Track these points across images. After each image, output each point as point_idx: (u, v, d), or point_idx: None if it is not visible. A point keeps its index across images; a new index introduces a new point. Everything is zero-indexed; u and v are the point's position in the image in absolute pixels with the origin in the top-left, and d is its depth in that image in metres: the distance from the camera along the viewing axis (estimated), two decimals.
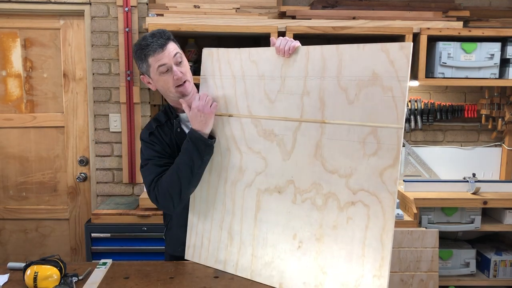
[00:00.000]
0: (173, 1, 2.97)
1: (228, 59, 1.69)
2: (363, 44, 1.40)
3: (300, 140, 1.52)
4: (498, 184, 2.94)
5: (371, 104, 1.37)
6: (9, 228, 3.19)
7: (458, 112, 3.15)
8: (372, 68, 1.37)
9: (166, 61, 1.66)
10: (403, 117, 1.32)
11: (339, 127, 1.44)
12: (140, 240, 2.70)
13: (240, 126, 1.67)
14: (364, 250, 1.38)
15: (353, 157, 1.40)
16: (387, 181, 1.34)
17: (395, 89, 1.33)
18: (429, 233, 2.52)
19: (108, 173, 3.07)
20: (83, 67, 3.05)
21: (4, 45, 3.04)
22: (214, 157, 1.72)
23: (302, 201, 1.52)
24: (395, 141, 1.33)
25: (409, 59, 1.31)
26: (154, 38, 1.66)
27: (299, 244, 1.52)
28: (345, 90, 1.42)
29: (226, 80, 1.70)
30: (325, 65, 1.47)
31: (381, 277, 1.34)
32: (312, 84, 1.50)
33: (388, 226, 1.34)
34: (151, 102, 3.03)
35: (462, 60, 2.82)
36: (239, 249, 1.65)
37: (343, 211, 1.43)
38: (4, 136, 3.11)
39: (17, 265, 1.67)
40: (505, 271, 2.93)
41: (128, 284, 1.57)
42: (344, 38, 2.96)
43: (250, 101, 1.64)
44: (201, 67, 1.76)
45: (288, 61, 1.55)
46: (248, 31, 2.74)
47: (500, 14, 3.07)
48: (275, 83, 1.58)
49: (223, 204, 1.71)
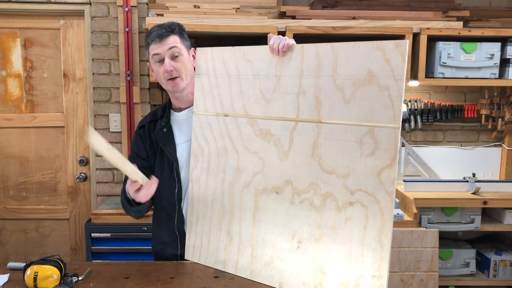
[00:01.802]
0: (173, 1, 2.97)
1: (222, 58, 1.68)
2: (359, 42, 1.38)
3: (297, 140, 1.51)
4: (498, 184, 2.94)
5: (368, 103, 1.36)
6: (9, 228, 3.19)
7: (458, 112, 3.15)
8: (368, 66, 1.36)
9: (160, 51, 1.68)
10: (399, 117, 1.31)
11: (335, 126, 1.43)
12: (140, 240, 2.70)
13: (236, 126, 1.66)
14: (363, 250, 1.38)
15: (350, 157, 1.40)
16: (385, 181, 1.33)
17: (391, 88, 1.31)
18: (429, 233, 2.52)
19: (108, 173, 3.07)
20: (83, 67, 3.05)
21: (4, 45, 3.04)
22: (211, 157, 1.72)
23: (300, 202, 1.51)
24: (392, 141, 1.32)
25: (405, 57, 1.30)
26: (159, 28, 1.70)
27: (298, 244, 1.52)
28: (341, 89, 1.41)
29: (221, 79, 1.69)
30: (320, 63, 1.45)
31: (380, 277, 1.34)
32: (308, 83, 1.48)
33: (387, 227, 1.34)
34: (151, 102, 3.04)
35: (462, 60, 2.82)
36: (238, 249, 1.65)
37: (341, 211, 1.42)
38: (4, 136, 3.11)
39: (17, 265, 1.67)
40: (505, 271, 2.93)
41: (128, 284, 1.57)
42: (344, 38, 2.96)
43: (246, 100, 1.63)
44: (196, 66, 1.75)
45: (283, 60, 1.54)
46: (248, 31, 2.74)
47: (500, 14, 3.07)
48: (270, 82, 1.57)
49: (221, 204, 1.70)
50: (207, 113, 1.73)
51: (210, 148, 1.72)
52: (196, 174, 1.76)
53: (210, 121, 1.71)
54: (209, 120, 1.72)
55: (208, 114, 1.73)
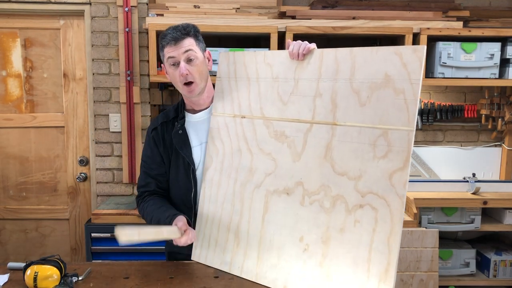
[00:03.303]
0: (173, 1, 2.97)
1: (244, 61, 1.72)
2: (377, 47, 1.41)
3: (310, 141, 1.53)
4: (498, 184, 2.94)
5: (383, 106, 1.37)
6: (9, 228, 3.19)
7: (458, 112, 3.15)
8: (385, 70, 1.38)
9: (175, 54, 1.66)
10: (414, 120, 1.32)
11: (350, 129, 1.44)
12: None
13: (252, 127, 1.68)
14: (370, 254, 1.37)
15: (363, 159, 1.40)
16: (396, 184, 1.33)
17: (407, 91, 1.33)
18: (429, 233, 2.52)
19: (108, 173, 3.07)
20: (83, 67, 3.05)
21: (4, 45, 3.04)
22: (226, 158, 1.73)
23: (310, 203, 1.51)
24: (405, 144, 1.32)
25: (422, 62, 1.31)
26: (174, 30, 1.67)
27: (306, 246, 1.51)
28: (357, 92, 1.43)
29: (241, 82, 1.72)
30: (338, 67, 1.48)
31: (386, 282, 1.33)
32: (325, 86, 1.51)
33: (396, 230, 1.33)
34: (151, 102, 3.04)
35: (462, 60, 2.82)
36: (245, 251, 1.65)
37: (350, 214, 1.42)
38: (4, 136, 3.11)
39: (17, 265, 1.67)
40: (505, 271, 2.93)
41: (128, 284, 1.57)
42: (344, 38, 2.96)
43: (263, 102, 1.66)
44: (218, 70, 1.80)
45: (302, 64, 1.57)
46: (248, 31, 2.74)
47: (500, 14, 3.07)
48: (288, 85, 1.60)
49: (231, 204, 1.71)
50: (225, 114, 1.75)
51: (225, 149, 1.74)
52: (209, 174, 1.77)
53: (227, 123, 1.74)
54: (226, 122, 1.74)
55: (226, 115, 1.75)
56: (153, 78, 2.79)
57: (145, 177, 1.83)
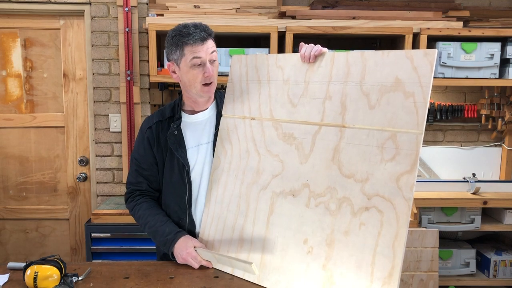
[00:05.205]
0: (173, 1, 2.97)
1: (255, 64, 1.74)
2: (388, 51, 1.42)
3: (318, 144, 1.53)
4: (498, 184, 2.94)
5: (392, 109, 1.38)
6: (9, 228, 3.19)
7: (458, 112, 3.15)
8: (395, 74, 1.38)
9: (203, 55, 1.64)
10: (423, 123, 1.32)
11: (358, 131, 1.44)
12: (140, 240, 2.70)
13: (261, 129, 1.69)
14: (374, 257, 1.36)
15: (370, 162, 1.40)
16: (403, 187, 1.33)
17: (417, 94, 1.33)
18: (429, 233, 2.53)
19: (108, 173, 3.07)
20: (83, 67, 3.05)
21: (4, 45, 3.04)
22: (233, 159, 1.73)
23: (316, 205, 1.51)
24: (414, 147, 1.32)
25: (433, 65, 1.32)
26: (197, 30, 1.64)
27: (309, 249, 1.50)
28: (367, 95, 1.43)
29: (252, 85, 1.74)
30: (349, 70, 1.49)
31: (390, 286, 1.31)
32: (335, 89, 1.51)
33: (401, 234, 1.31)
34: (151, 102, 3.04)
35: (462, 60, 2.82)
36: (249, 252, 1.65)
37: (356, 216, 1.41)
38: (4, 136, 3.11)
39: (17, 265, 1.67)
40: (505, 271, 2.94)
41: (128, 284, 1.57)
42: (344, 38, 2.96)
43: (273, 105, 1.67)
44: (230, 72, 1.82)
45: (313, 66, 1.58)
46: (248, 31, 2.74)
47: (500, 14, 3.07)
48: (298, 88, 1.61)
49: (237, 206, 1.71)
50: (235, 116, 1.76)
51: (233, 150, 1.74)
52: (216, 175, 1.77)
53: (237, 124, 1.74)
54: (236, 123, 1.75)
55: (236, 117, 1.76)
56: (153, 78, 2.79)
57: (136, 175, 1.82)
